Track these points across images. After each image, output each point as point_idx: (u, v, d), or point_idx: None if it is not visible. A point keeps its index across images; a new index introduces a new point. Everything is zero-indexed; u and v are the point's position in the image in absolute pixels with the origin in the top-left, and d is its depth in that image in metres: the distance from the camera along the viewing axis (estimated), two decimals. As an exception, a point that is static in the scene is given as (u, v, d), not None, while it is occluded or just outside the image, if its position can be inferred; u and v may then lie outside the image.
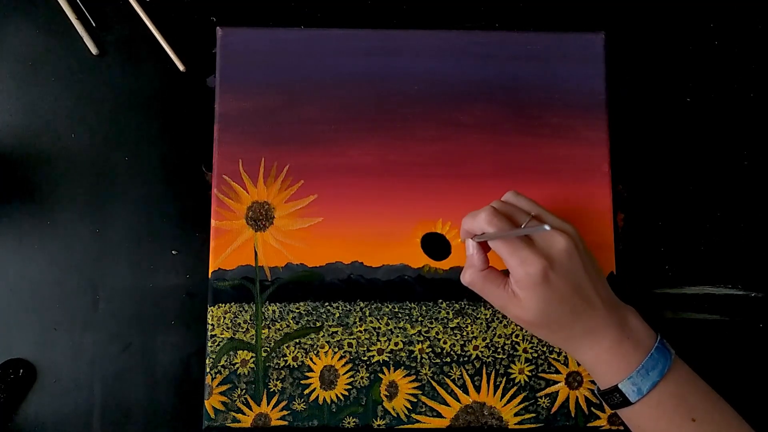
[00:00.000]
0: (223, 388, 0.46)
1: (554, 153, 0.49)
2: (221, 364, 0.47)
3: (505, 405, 0.47)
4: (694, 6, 0.53)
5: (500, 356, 0.47)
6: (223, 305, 0.47)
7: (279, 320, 0.47)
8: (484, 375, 0.47)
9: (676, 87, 0.52)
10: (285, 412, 0.46)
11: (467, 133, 0.49)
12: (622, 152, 0.50)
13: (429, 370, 0.47)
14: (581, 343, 0.41)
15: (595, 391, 0.43)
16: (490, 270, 0.42)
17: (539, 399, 0.47)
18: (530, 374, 0.47)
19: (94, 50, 0.50)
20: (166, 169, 0.50)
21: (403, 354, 0.47)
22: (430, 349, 0.47)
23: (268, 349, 0.47)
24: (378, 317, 0.47)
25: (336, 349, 0.47)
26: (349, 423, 0.46)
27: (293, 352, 0.47)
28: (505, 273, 0.42)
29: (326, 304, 0.47)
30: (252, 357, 0.47)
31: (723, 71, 0.52)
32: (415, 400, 0.47)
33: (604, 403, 0.42)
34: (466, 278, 0.43)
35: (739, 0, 0.53)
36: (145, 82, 0.50)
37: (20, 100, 0.50)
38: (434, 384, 0.47)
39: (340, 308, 0.47)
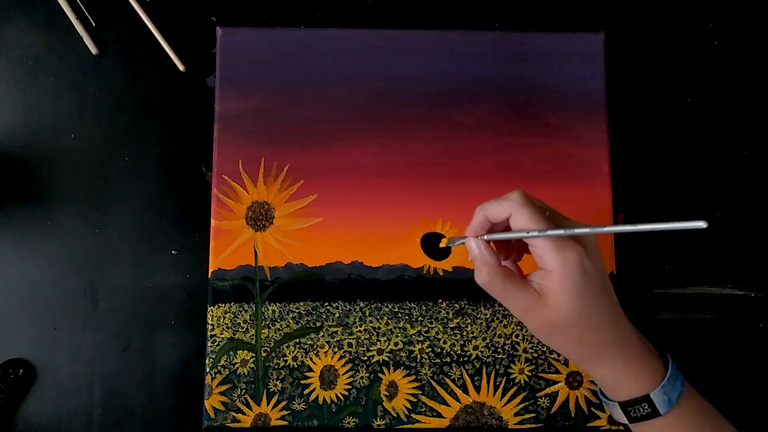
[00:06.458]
0: (223, 388, 0.46)
1: (554, 153, 0.49)
2: (221, 364, 0.47)
3: (505, 405, 0.47)
4: (694, 6, 0.53)
5: (500, 356, 0.47)
6: (223, 305, 0.47)
7: (279, 320, 0.47)
8: (484, 375, 0.47)
9: (676, 87, 0.52)
10: (285, 412, 0.46)
11: (467, 133, 0.49)
12: (622, 152, 0.50)
13: (429, 370, 0.47)
14: (607, 353, 0.38)
15: (610, 403, 0.40)
16: (506, 268, 0.37)
17: (539, 399, 0.47)
18: (530, 374, 0.47)
19: (94, 50, 0.50)
20: (166, 169, 0.50)
21: (403, 354, 0.47)
22: (430, 349, 0.47)
23: (268, 349, 0.47)
24: (378, 317, 0.47)
25: (336, 349, 0.47)
26: (349, 423, 0.46)
27: (293, 352, 0.47)
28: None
29: (326, 304, 0.47)
30: (252, 357, 0.47)
31: (723, 71, 0.52)
32: (415, 400, 0.47)
33: (623, 416, 0.39)
34: (483, 277, 0.37)
35: (739, 0, 0.53)
36: (145, 82, 0.50)
37: (20, 100, 0.50)
38: (434, 384, 0.47)
39: (340, 308, 0.47)
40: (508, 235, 0.37)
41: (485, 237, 0.38)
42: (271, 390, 0.47)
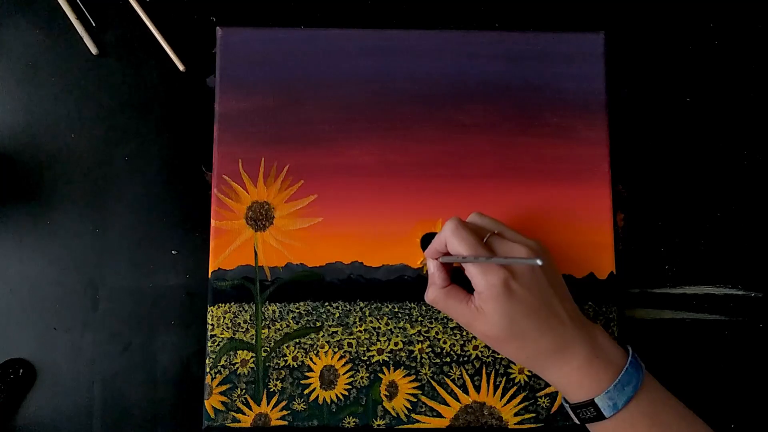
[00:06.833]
0: (223, 388, 0.46)
1: (554, 153, 0.49)
2: (221, 364, 0.47)
3: (504, 405, 0.47)
4: (694, 6, 0.53)
5: (500, 356, 0.47)
6: (223, 305, 0.47)
7: (279, 320, 0.47)
8: (484, 375, 0.47)
9: (676, 87, 0.52)
10: (285, 412, 0.46)
11: (467, 133, 0.49)
12: (622, 152, 0.50)
13: (429, 370, 0.47)
14: (550, 362, 0.40)
15: (565, 404, 0.42)
16: (452, 287, 0.42)
17: (539, 399, 0.47)
18: (530, 374, 0.47)
19: (94, 50, 0.50)
20: (166, 169, 0.50)
21: (403, 354, 0.47)
22: (430, 349, 0.47)
23: (268, 349, 0.47)
24: (378, 317, 0.47)
25: (336, 349, 0.47)
26: (349, 423, 0.46)
27: (293, 352, 0.47)
28: (469, 291, 0.42)
29: (326, 304, 0.47)
30: (252, 357, 0.47)
31: (723, 71, 0.52)
32: (415, 400, 0.47)
33: (573, 417, 0.41)
34: (428, 296, 0.43)
35: (739, 0, 0.53)
36: (145, 82, 0.50)
37: (20, 100, 0.50)
38: (434, 384, 0.47)
39: (340, 308, 0.47)
40: (449, 259, 0.42)
41: (440, 259, 0.43)
42: (271, 390, 0.47)
